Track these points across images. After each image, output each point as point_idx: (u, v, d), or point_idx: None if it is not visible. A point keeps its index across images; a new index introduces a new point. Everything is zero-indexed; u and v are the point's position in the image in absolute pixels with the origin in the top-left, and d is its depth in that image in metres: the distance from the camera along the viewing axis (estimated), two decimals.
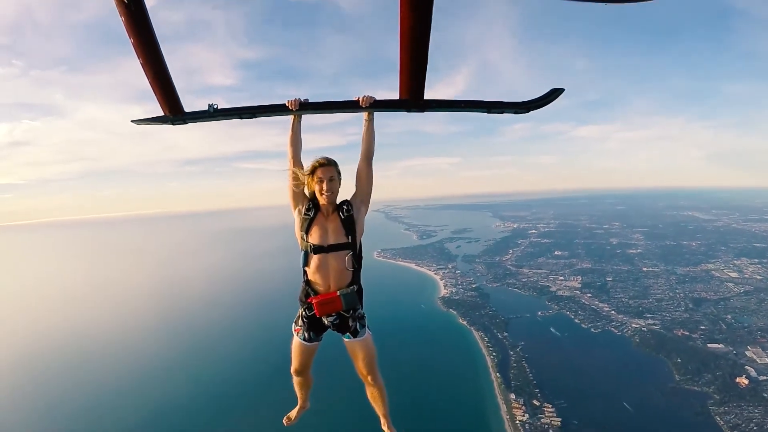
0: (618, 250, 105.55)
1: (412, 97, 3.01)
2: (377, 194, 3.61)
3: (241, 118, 3.36)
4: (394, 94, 3.20)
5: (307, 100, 3.40)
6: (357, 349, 3.57)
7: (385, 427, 3.89)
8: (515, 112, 3.37)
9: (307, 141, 3.71)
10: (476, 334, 64.02)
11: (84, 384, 55.43)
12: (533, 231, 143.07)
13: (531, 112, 3.40)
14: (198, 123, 3.40)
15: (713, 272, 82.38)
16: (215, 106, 3.32)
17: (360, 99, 3.33)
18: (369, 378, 3.69)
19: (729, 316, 63.42)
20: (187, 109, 3.24)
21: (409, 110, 3.20)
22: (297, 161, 3.54)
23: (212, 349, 64.80)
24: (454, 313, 73.24)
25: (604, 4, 2.00)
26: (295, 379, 3.90)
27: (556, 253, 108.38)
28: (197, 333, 72.70)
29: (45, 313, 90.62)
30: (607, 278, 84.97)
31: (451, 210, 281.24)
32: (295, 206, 3.51)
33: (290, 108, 3.36)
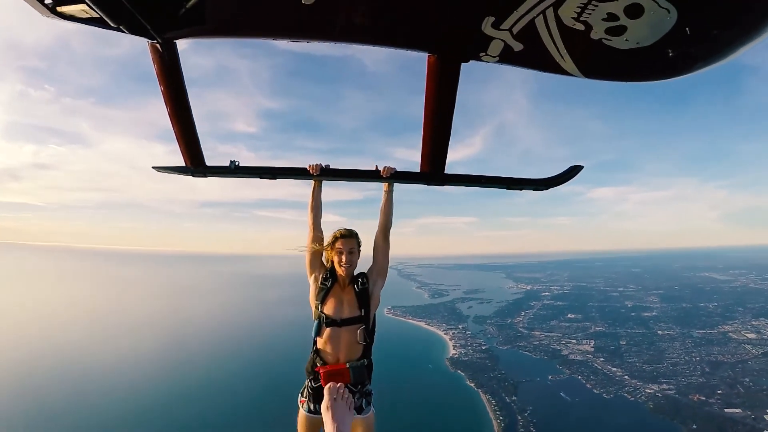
0: (633, 313, 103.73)
1: (433, 171, 3.10)
2: (391, 251, 3.62)
3: (261, 178, 3.44)
4: (411, 154, 4.15)
5: (328, 165, 3.46)
6: (359, 426, 3.44)
7: None
8: (534, 189, 3.43)
9: (325, 194, 3.69)
10: (484, 397, 63.08)
11: (76, 410, 56.53)
12: (546, 293, 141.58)
13: (547, 169, 4.06)
14: (217, 177, 3.48)
15: (730, 334, 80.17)
16: (237, 163, 3.38)
17: (381, 169, 3.39)
18: None
19: (747, 379, 61.30)
20: (208, 155, 3.27)
21: (429, 183, 3.26)
22: (317, 226, 3.59)
23: (211, 388, 65.41)
24: (462, 374, 72.50)
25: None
26: None
27: (569, 316, 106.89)
28: (197, 372, 73.38)
29: (43, 334, 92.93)
30: (621, 342, 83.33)
31: (464, 270, 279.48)
32: (312, 273, 3.52)
33: (311, 173, 3.43)
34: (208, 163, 3.36)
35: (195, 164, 3.27)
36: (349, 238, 3.44)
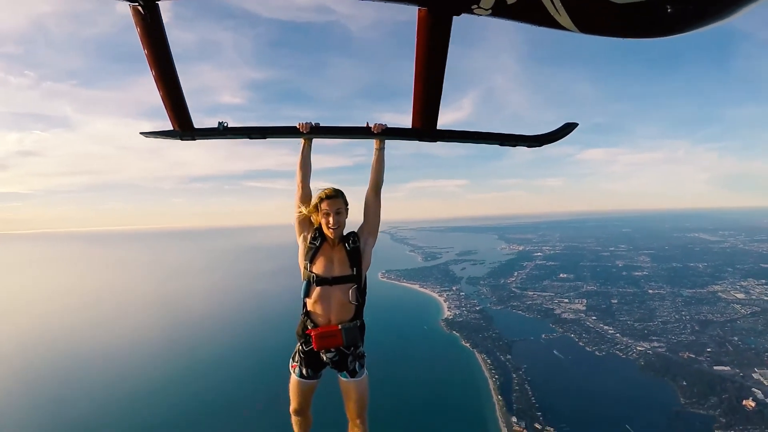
0: (624, 272, 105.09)
1: (425, 127, 3.05)
2: (384, 215, 3.57)
3: (250, 138, 3.39)
4: (401, 119, 3.19)
5: (318, 123, 3.40)
6: (352, 389, 3.38)
7: None
8: (528, 146, 3.40)
9: (315, 161, 3.64)
10: (479, 357, 63.80)
11: (75, 391, 56.18)
12: (539, 253, 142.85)
13: (536, 131, 3.42)
14: (207, 140, 3.45)
15: (720, 294, 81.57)
16: (225, 124, 3.33)
17: (372, 126, 3.33)
18: (357, 421, 3.48)
19: (736, 338, 62.65)
20: (196, 126, 3.28)
21: (421, 139, 3.23)
22: (306, 185, 3.52)
23: (208, 366, 64.93)
24: (457, 335, 73.14)
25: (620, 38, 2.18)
26: (294, 419, 3.64)
27: (561, 275, 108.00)
28: (194, 350, 73.04)
29: (34, 322, 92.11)
30: (613, 301, 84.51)
31: (457, 232, 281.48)
32: (300, 233, 3.44)
33: (301, 131, 3.38)
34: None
35: (183, 128, 3.22)
36: (334, 198, 3.33)
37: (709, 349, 60.12)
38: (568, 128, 3.30)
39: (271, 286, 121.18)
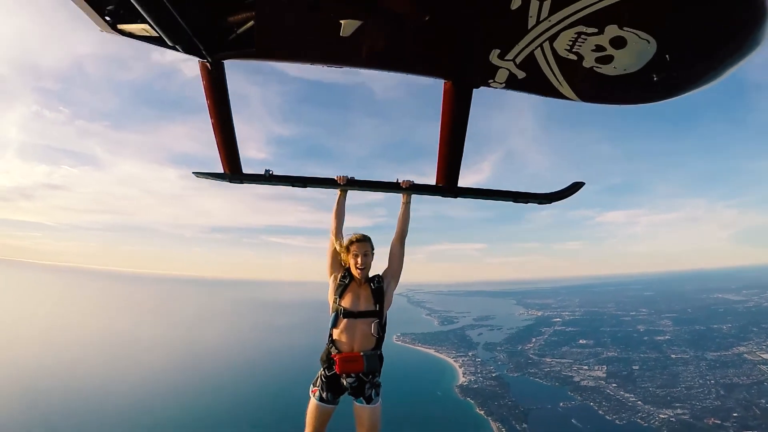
0: (645, 337, 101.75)
1: (448, 184, 3.57)
2: (401, 277, 3.88)
3: (293, 186, 3.81)
4: (421, 178, 3.78)
5: (353, 177, 3.84)
6: (366, 415, 3.56)
7: None
8: (539, 203, 3.81)
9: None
10: (494, 425, 62.37)
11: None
12: (558, 319, 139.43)
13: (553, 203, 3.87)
14: (246, 186, 3.89)
15: (746, 355, 78.49)
16: (271, 172, 3.77)
17: (401, 182, 3.86)
18: None
19: (763, 401, 60.00)
20: (244, 172, 3.79)
21: (444, 195, 3.70)
22: (339, 232, 3.88)
23: (221, 414, 65.36)
24: (472, 402, 71.72)
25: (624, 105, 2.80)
26: None
27: (580, 341, 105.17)
28: (207, 396, 73.21)
29: (52, 353, 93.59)
30: (634, 367, 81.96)
31: (474, 296, 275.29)
32: (331, 273, 3.80)
33: (338, 182, 3.84)
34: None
35: (233, 171, 3.71)
36: (363, 242, 3.74)
37: (735, 414, 57.66)
38: (575, 187, 3.72)
39: (284, 341, 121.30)
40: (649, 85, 2.55)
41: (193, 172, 4.08)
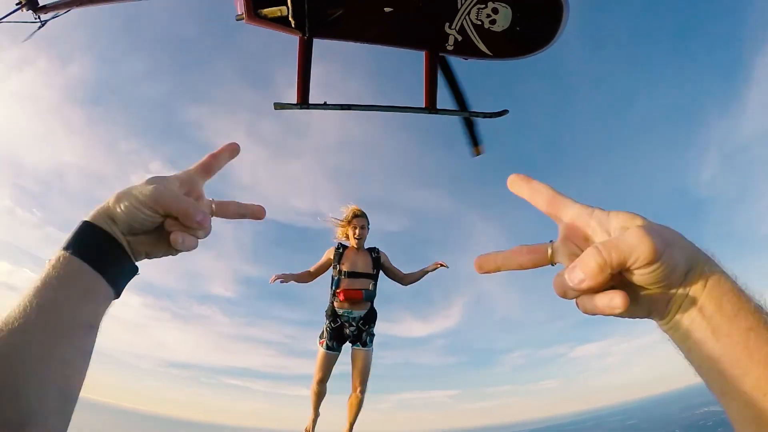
0: None
1: (430, 105, 4.36)
2: (368, 429, 5.90)
3: (345, 109, 4.43)
4: (387, 327, 7.68)
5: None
6: (360, 356, 4.15)
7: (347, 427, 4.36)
8: (485, 117, 4.57)
9: (296, 369, 12.72)
10: None
11: None
12: None
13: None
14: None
15: None
16: (326, 101, 4.35)
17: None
18: (357, 389, 4.16)
19: None
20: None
21: (429, 113, 4.40)
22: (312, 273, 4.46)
23: None
24: None
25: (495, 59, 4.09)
26: (316, 389, 4.30)
27: None
28: None
29: None
30: None
31: None
32: (328, 266, 4.36)
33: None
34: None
35: (303, 102, 4.31)
36: (362, 217, 4.39)
37: None
38: (504, 112, 4.54)
39: None
40: (518, 36, 3.92)
41: (274, 103, 4.59)
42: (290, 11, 3.75)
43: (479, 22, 3.87)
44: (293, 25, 3.89)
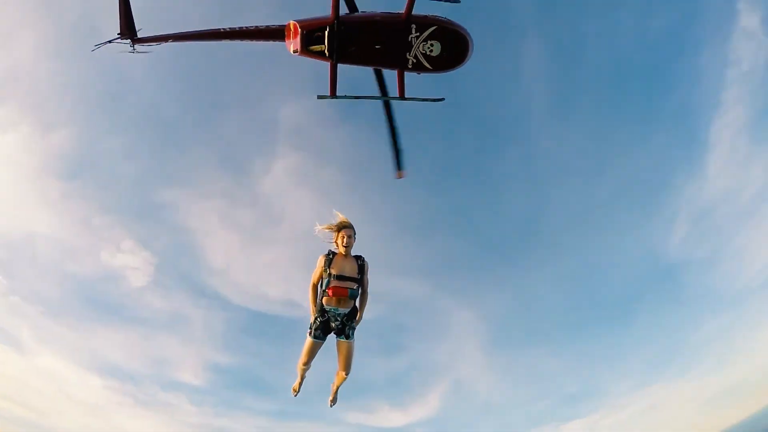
0: None
1: (401, 95, 7.04)
2: None
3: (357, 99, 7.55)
4: (365, 416, 21.91)
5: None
6: (344, 347, 4.73)
7: (333, 388, 5.15)
8: (429, 100, 7.19)
9: None
10: None
11: None
12: None
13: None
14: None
15: None
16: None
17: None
18: (343, 371, 4.83)
19: None
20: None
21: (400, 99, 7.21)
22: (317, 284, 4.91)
23: None
24: None
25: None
26: (301, 368, 5.00)
27: None
28: None
29: None
30: None
31: None
32: (321, 270, 4.68)
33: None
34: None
35: (333, 95, 6.90)
36: (349, 228, 4.78)
37: None
38: (438, 99, 7.05)
39: None
40: (446, 58, 6.70)
41: (317, 96, 6.79)
42: (326, 48, 6.11)
43: (424, 51, 6.48)
44: (327, 56, 6.16)
